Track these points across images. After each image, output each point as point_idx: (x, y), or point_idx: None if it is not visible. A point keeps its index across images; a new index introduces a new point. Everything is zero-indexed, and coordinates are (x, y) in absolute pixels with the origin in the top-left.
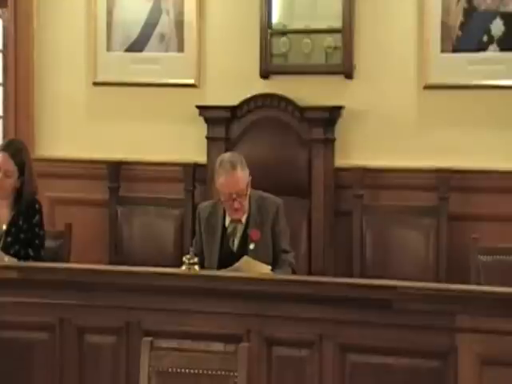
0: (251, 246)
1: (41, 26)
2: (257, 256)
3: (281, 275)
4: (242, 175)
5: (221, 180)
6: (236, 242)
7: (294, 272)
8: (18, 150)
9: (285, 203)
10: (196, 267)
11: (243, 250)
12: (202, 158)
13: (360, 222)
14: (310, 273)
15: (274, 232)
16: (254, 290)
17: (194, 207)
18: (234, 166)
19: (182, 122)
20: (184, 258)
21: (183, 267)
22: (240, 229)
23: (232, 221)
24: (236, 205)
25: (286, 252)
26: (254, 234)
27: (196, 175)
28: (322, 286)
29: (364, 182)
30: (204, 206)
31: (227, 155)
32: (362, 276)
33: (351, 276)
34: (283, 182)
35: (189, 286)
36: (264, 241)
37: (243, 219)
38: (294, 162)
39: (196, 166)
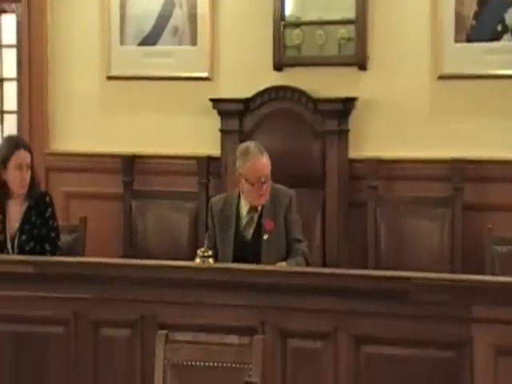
0: (265, 237)
1: (54, 20)
2: (270, 247)
3: (295, 267)
4: (268, 162)
5: (250, 163)
6: (251, 231)
7: (307, 261)
8: (27, 144)
9: (299, 195)
10: (210, 260)
11: (257, 241)
12: (215, 151)
13: (374, 213)
14: (324, 264)
15: (286, 221)
16: (268, 283)
17: (208, 200)
18: (261, 152)
19: (196, 115)
20: (198, 251)
21: (197, 260)
22: (255, 219)
23: (250, 210)
24: (264, 189)
25: (298, 241)
26: (268, 224)
27: (210, 168)
28: (337, 278)
29: (378, 173)
30: (217, 199)
31: (251, 142)
32: (376, 267)
33: (366, 267)
34: (297, 174)
35: (203, 278)
36: (278, 231)
37: (258, 208)
38: (307, 154)
39: (210, 159)
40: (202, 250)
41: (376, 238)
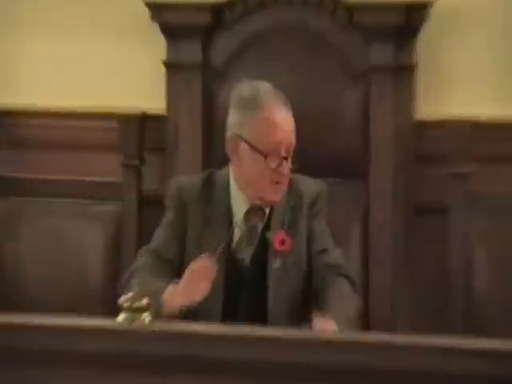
0: (275, 264)
1: None
2: (284, 281)
3: (307, 332)
4: (293, 122)
5: (263, 115)
6: (249, 252)
7: (351, 282)
8: None
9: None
10: (146, 316)
11: (260, 269)
12: (156, 104)
13: (462, 222)
14: (366, 319)
15: (310, 231)
16: (258, 361)
17: (141, 198)
18: (285, 102)
19: (121, 36)
20: (122, 300)
21: (121, 316)
22: (258, 230)
23: (251, 211)
24: (286, 170)
25: (327, 251)
26: (281, 240)
27: (146, 136)
28: (390, 351)
29: (472, 150)
30: (189, 183)
31: (263, 82)
32: (468, 326)
33: (449, 326)
34: (316, 152)
35: (133, 352)
36: (297, 252)
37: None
38: (335, 113)
39: (146, 120)
40: (129, 297)
41: (466, 269)
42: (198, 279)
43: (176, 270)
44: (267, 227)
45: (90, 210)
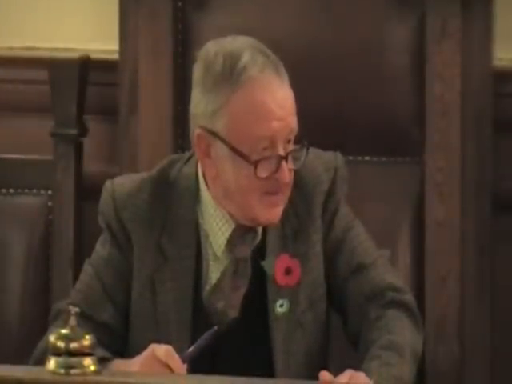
0: (280, 307)
1: None
2: (297, 330)
3: None
4: (293, 100)
5: (247, 92)
6: (237, 298)
7: (411, 315)
8: None
9: (354, 173)
10: (89, 363)
11: (256, 319)
12: (103, 45)
13: None
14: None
15: (330, 241)
16: None
17: (81, 185)
18: (277, 68)
19: None
20: (52, 338)
21: (51, 364)
22: (246, 263)
23: (236, 235)
24: (286, 176)
25: (365, 267)
26: (285, 269)
27: (88, 93)
28: None
29: None
30: (132, 193)
31: (240, 45)
32: None
33: None
34: (345, 120)
35: None
36: (311, 280)
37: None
38: (374, 58)
39: (87, 68)
40: (65, 333)
41: None
42: (159, 368)
43: (118, 339)
44: (261, 253)
45: (3, 203)
